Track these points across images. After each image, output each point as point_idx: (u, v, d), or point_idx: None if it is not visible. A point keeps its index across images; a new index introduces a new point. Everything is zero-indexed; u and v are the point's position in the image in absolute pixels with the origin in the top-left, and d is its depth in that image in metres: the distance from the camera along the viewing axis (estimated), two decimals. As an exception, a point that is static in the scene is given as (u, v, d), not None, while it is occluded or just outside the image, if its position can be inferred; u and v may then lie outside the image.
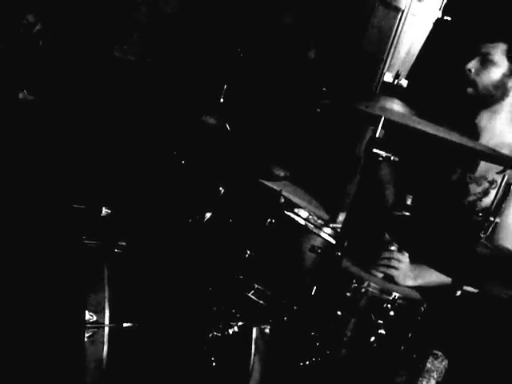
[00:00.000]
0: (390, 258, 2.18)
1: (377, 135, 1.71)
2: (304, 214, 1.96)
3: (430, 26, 3.31)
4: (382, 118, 1.63)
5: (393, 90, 1.77)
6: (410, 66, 3.20)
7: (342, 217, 2.88)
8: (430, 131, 1.63)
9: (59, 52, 2.93)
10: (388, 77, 1.78)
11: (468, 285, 1.96)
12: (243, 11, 3.19)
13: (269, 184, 2.25)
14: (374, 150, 1.68)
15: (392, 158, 1.71)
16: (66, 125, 2.81)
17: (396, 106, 1.73)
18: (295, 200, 2.23)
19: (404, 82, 1.82)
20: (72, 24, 3.03)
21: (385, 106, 1.71)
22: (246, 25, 3.15)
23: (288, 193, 2.31)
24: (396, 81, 1.80)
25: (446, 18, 3.26)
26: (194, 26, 3.22)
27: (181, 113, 2.73)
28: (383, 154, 1.71)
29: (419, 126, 1.64)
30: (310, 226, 1.95)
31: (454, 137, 1.66)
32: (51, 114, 2.78)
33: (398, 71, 1.79)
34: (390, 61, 3.05)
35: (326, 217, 2.53)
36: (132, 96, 3.02)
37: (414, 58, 3.24)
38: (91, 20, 3.12)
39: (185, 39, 3.21)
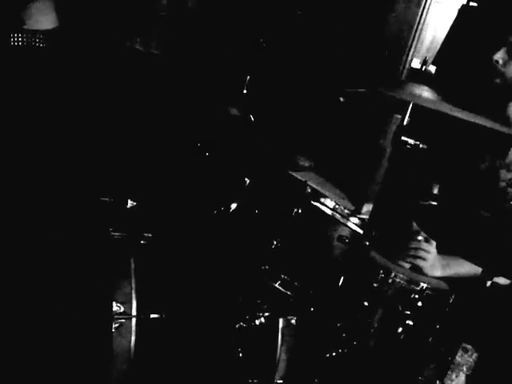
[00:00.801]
0: (417, 249, 2.14)
1: (405, 122, 1.68)
2: (331, 203, 1.94)
3: (455, 13, 3.25)
4: (411, 105, 1.60)
5: (421, 77, 1.73)
6: (435, 52, 3.14)
7: (366, 207, 2.86)
8: (463, 117, 1.59)
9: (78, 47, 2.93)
10: (416, 63, 1.75)
11: (499, 275, 1.93)
12: (265, 2, 3.17)
13: (294, 174, 2.23)
14: (403, 138, 1.65)
15: (420, 145, 1.68)
16: (90, 117, 2.83)
17: (425, 93, 1.69)
18: (321, 190, 2.21)
19: (432, 68, 1.78)
20: (91, 17, 3.04)
21: (413, 92, 1.68)
22: (267, 15, 3.13)
23: (313, 183, 2.29)
24: (424, 67, 1.76)
25: (471, 3, 3.19)
26: (216, 18, 3.21)
27: (204, 104, 2.72)
28: (411, 141, 1.68)
29: (451, 112, 1.60)
30: (337, 215, 1.93)
31: (488, 122, 1.62)
32: (76, 107, 2.79)
33: (425, 58, 1.76)
34: (415, 47, 3.00)
35: (352, 207, 2.50)
36: (156, 88, 3.02)
37: (439, 44, 3.18)
38: (111, 13, 3.13)
39: (208, 31, 3.19)
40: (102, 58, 2.93)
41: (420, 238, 2.15)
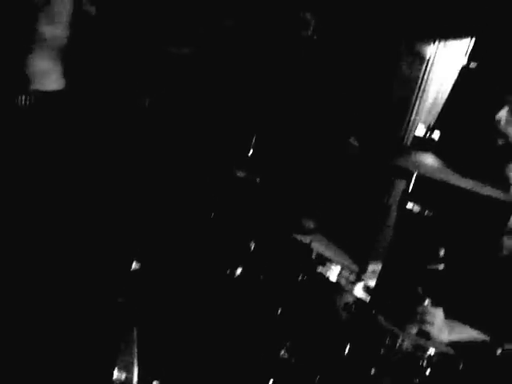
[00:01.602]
0: (424, 313, 2.11)
1: (409, 190, 1.69)
2: (336, 269, 1.93)
3: (456, 74, 3.30)
4: (415, 174, 1.61)
5: (425, 144, 1.75)
6: (437, 114, 3.18)
7: (372, 267, 2.83)
8: (466, 186, 1.60)
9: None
10: (420, 130, 1.77)
11: (508, 342, 1.89)
12: (266, 62, 3.23)
13: (299, 237, 2.22)
14: (408, 205, 1.65)
15: (426, 212, 1.68)
16: (94, 179, 2.85)
17: (429, 160, 1.70)
18: (326, 253, 2.19)
19: (436, 135, 1.80)
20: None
21: (418, 160, 1.69)
22: (271, 77, 3.19)
23: (318, 245, 2.29)
24: (428, 134, 1.79)
25: (471, 64, 3.26)
26: (220, 79, 3.27)
27: (210, 166, 2.74)
28: (417, 208, 1.68)
29: (454, 181, 1.61)
30: (343, 282, 1.92)
31: (490, 191, 1.63)
32: (81, 166, 2.82)
33: (429, 124, 1.78)
34: (418, 109, 3.05)
35: (356, 269, 2.48)
36: (162, 148, 3.06)
37: (441, 105, 3.22)
38: (119, 73, 3.20)
39: (213, 91, 3.26)
40: (108, 119, 2.98)
41: (426, 302, 2.12)
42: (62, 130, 2.77)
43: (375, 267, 2.58)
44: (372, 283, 2.04)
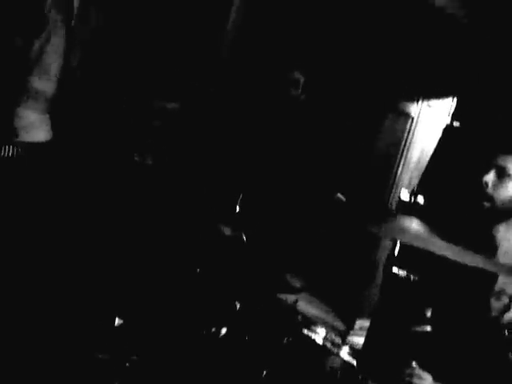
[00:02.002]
0: (411, 375, 2.08)
1: (395, 253, 1.70)
2: (322, 331, 1.91)
3: (440, 133, 3.37)
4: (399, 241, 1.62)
5: (410, 208, 1.77)
6: (421, 172, 3.23)
7: (359, 323, 2.81)
8: (452, 256, 1.61)
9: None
10: (404, 194, 1.79)
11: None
12: (253, 119, 3.28)
13: (284, 296, 2.21)
14: (394, 270, 1.65)
15: (412, 277, 1.69)
16: (83, 232, 2.83)
17: (414, 226, 1.71)
18: (312, 312, 2.17)
19: (420, 199, 1.82)
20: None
21: (403, 225, 1.70)
22: (259, 134, 3.24)
23: (304, 303, 2.27)
24: (412, 197, 1.81)
25: (455, 123, 3.33)
26: (207, 136, 3.31)
27: (196, 223, 2.74)
28: (402, 273, 1.68)
29: (439, 251, 1.62)
30: (329, 344, 1.89)
31: (471, 259, 1.63)
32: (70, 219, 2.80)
33: (414, 187, 1.81)
34: (402, 169, 3.09)
35: (343, 327, 2.46)
36: (146, 204, 3.06)
37: (426, 165, 3.27)
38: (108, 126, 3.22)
39: (199, 148, 3.29)
40: (96, 170, 2.99)
41: (414, 364, 2.09)
42: (49, 181, 2.77)
43: (362, 323, 2.56)
44: (359, 340, 2.02)
